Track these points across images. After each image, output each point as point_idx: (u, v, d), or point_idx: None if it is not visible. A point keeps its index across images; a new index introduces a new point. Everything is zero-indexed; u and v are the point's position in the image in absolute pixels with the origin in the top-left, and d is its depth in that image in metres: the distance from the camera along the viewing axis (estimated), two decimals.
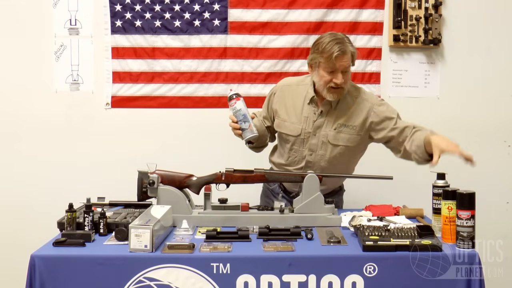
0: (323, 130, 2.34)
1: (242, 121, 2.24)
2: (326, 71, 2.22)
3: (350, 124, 2.32)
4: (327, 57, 2.18)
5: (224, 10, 3.04)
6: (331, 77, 2.21)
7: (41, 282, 1.77)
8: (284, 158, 2.45)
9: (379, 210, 2.33)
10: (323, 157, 2.36)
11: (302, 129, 2.36)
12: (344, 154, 2.36)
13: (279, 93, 2.44)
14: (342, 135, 2.33)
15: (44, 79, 3.06)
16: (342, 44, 2.19)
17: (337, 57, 2.17)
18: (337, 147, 2.34)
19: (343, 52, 2.17)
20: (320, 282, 1.78)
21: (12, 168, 3.07)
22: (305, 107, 2.36)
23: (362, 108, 2.33)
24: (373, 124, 2.33)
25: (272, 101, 2.45)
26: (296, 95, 2.39)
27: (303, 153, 2.38)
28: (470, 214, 1.84)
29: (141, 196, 2.19)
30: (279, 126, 2.42)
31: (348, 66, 2.23)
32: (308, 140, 2.36)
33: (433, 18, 3.00)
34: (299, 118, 2.37)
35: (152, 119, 3.09)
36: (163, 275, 1.78)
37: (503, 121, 3.09)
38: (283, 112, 2.41)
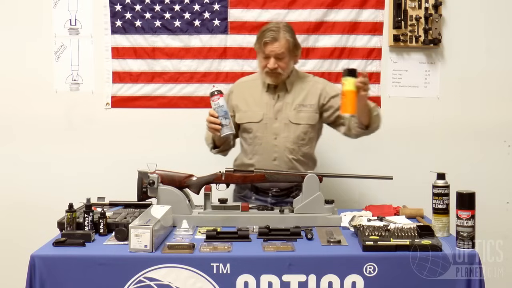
0: (283, 112, 2.43)
1: (223, 117, 2.26)
2: (262, 57, 2.39)
3: (308, 103, 2.45)
4: (260, 43, 2.37)
5: (224, 10, 3.04)
6: (266, 62, 2.37)
7: (41, 282, 1.77)
8: (248, 152, 2.47)
9: (379, 210, 2.33)
10: (288, 139, 2.42)
11: (263, 114, 2.44)
12: (306, 133, 2.45)
13: (237, 90, 2.56)
14: (302, 114, 2.43)
15: (44, 79, 3.06)
16: (275, 32, 2.34)
17: (266, 43, 2.33)
18: (299, 126, 2.43)
19: (273, 38, 2.33)
20: (320, 282, 1.78)
21: (12, 168, 3.07)
22: (263, 96, 2.47)
23: (315, 88, 2.47)
24: (325, 103, 2.46)
25: (231, 99, 2.52)
26: (253, 88, 2.51)
27: (268, 138, 2.43)
28: (470, 214, 1.84)
29: (141, 196, 2.19)
30: (241, 118, 2.48)
31: (281, 53, 2.34)
32: (271, 124, 2.43)
33: (433, 18, 3.00)
34: (260, 105, 2.46)
35: (152, 119, 3.09)
36: (163, 275, 1.78)
37: (503, 121, 3.09)
38: (243, 105, 2.49)
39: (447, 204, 1.99)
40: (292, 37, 2.38)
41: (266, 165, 2.38)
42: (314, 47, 3.04)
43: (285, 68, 2.38)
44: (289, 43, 2.36)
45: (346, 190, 3.00)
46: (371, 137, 3.03)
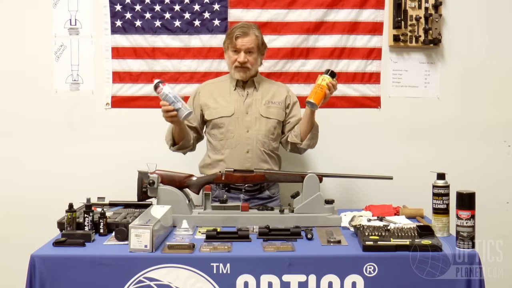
0: (254, 107, 2.54)
1: (174, 102, 2.28)
2: (232, 51, 2.50)
3: (276, 101, 2.58)
4: (231, 37, 2.48)
5: (224, 10, 3.04)
6: (236, 56, 2.48)
7: (41, 282, 1.77)
8: (219, 147, 2.51)
9: (379, 210, 2.33)
10: (260, 132, 2.51)
11: (235, 109, 2.53)
12: (275, 128, 2.55)
13: (204, 90, 2.64)
14: (271, 110, 2.55)
15: (44, 79, 3.05)
16: (245, 28, 2.49)
17: (237, 37, 2.46)
18: (270, 120, 2.53)
19: (244, 33, 2.47)
20: (320, 282, 1.78)
21: (12, 168, 3.07)
22: (232, 94, 2.57)
23: (281, 91, 2.63)
24: (289, 105, 2.60)
25: (199, 99, 2.60)
26: (221, 88, 2.61)
27: (240, 131, 2.50)
28: (470, 214, 1.84)
29: (141, 196, 2.19)
30: (212, 114, 2.54)
31: (251, 48, 2.48)
32: (243, 118, 2.52)
33: (433, 18, 3.00)
34: (229, 102, 2.55)
35: (152, 119, 3.07)
36: (163, 275, 1.78)
37: (503, 121, 3.09)
38: (212, 102, 2.57)
39: (447, 204, 1.99)
40: (260, 34, 2.55)
41: (239, 157, 2.45)
42: (314, 47, 3.04)
43: (254, 63, 2.52)
44: (258, 39, 2.51)
45: (346, 190, 3.00)
46: (371, 137, 3.04)
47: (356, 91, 3.06)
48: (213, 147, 2.56)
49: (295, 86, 3.01)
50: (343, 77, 3.04)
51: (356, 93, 3.06)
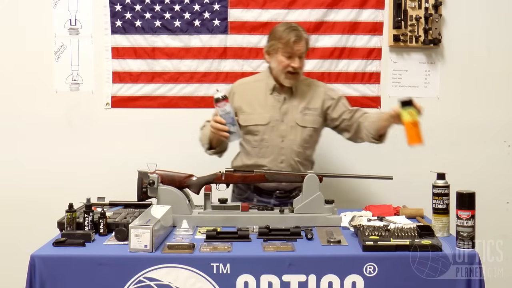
0: (290, 115, 2.43)
1: (231, 124, 2.23)
2: (285, 56, 2.36)
3: (312, 107, 2.46)
4: (285, 42, 2.34)
5: (224, 10, 3.04)
6: (289, 61, 2.36)
7: (41, 282, 1.77)
8: (253, 154, 2.44)
9: (379, 210, 2.33)
10: (294, 142, 2.42)
11: (270, 117, 2.42)
12: (312, 136, 2.46)
13: (238, 91, 2.51)
14: (308, 117, 2.45)
15: (44, 79, 3.06)
16: (297, 31, 2.37)
17: (294, 42, 2.34)
18: (306, 129, 2.44)
19: (299, 37, 2.35)
20: (320, 282, 1.78)
21: (12, 168, 3.07)
22: (268, 98, 2.45)
23: (318, 92, 2.49)
24: (330, 106, 2.48)
25: (233, 100, 2.46)
26: (256, 90, 2.48)
27: (275, 141, 2.42)
28: (470, 214, 1.84)
29: (141, 196, 2.19)
30: (246, 120, 2.44)
31: (304, 51, 2.39)
32: (278, 127, 2.42)
33: (433, 18, 3.00)
34: (265, 108, 2.43)
35: (152, 119, 3.09)
36: (163, 275, 1.78)
37: (503, 121, 3.09)
38: (247, 107, 2.45)
39: (447, 204, 1.99)
40: (308, 36, 2.43)
41: (273, 167, 2.38)
42: (314, 47, 3.04)
43: (303, 67, 2.43)
44: (308, 43, 2.42)
45: (346, 190, 3.00)
46: None
47: (356, 91, 3.06)
48: (246, 152, 2.48)
49: None
50: (343, 77, 3.05)
51: (356, 93, 3.06)
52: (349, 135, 2.49)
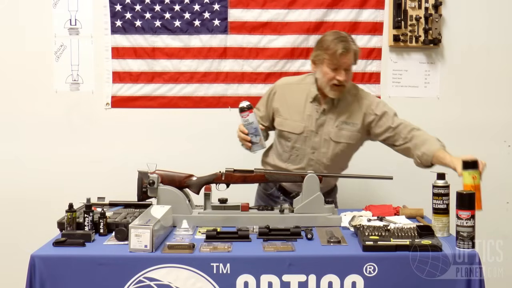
0: (326, 128, 2.36)
1: (253, 134, 2.23)
2: (330, 68, 2.26)
3: (351, 121, 2.36)
4: (331, 54, 2.23)
5: (224, 10, 3.04)
6: (334, 74, 2.26)
7: (41, 282, 1.77)
8: (284, 157, 2.44)
9: (379, 210, 2.33)
10: (326, 155, 2.37)
11: (304, 127, 2.36)
12: (344, 151, 2.39)
13: (280, 91, 2.44)
14: (344, 132, 2.36)
15: (44, 79, 3.06)
16: (346, 42, 2.25)
17: (341, 54, 2.22)
18: (339, 144, 2.37)
19: (347, 49, 2.23)
20: (320, 282, 1.78)
21: (12, 168, 3.07)
22: (307, 106, 2.37)
23: (361, 105, 2.37)
24: (372, 121, 2.36)
25: (272, 100, 2.44)
26: (297, 93, 2.40)
27: (305, 151, 2.38)
28: (470, 214, 1.83)
29: (141, 196, 2.19)
30: (281, 124, 2.41)
31: (351, 64, 2.28)
32: (311, 138, 2.37)
33: (433, 18, 3.00)
34: (302, 116, 2.37)
35: (152, 119, 3.09)
36: (163, 275, 1.78)
37: (503, 121, 3.09)
38: (284, 110, 2.40)
39: (447, 204, 1.99)
40: (357, 47, 2.31)
41: None
42: None
43: (349, 80, 2.32)
44: (356, 53, 2.30)
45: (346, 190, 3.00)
46: None
47: None
48: (278, 153, 2.46)
49: None
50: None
51: None
52: (396, 149, 2.38)
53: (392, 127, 2.34)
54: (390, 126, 2.34)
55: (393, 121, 2.35)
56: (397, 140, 2.34)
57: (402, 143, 2.32)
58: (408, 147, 2.31)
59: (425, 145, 2.25)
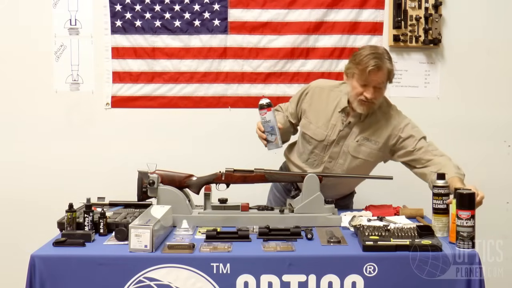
0: (347, 140, 2.34)
1: (269, 133, 2.22)
2: (359, 83, 2.21)
3: (374, 139, 2.32)
4: (361, 69, 2.17)
5: (224, 10, 3.04)
6: (362, 90, 2.20)
7: (41, 282, 1.77)
8: (303, 158, 2.44)
9: (379, 210, 2.33)
10: (342, 166, 2.36)
11: (326, 135, 2.35)
12: (361, 166, 2.36)
13: (311, 93, 2.41)
14: (363, 148, 2.33)
15: (44, 79, 3.06)
16: (379, 60, 2.16)
17: (371, 71, 2.16)
18: (357, 159, 2.34)
19: (378, 67, 2.16)
20: (320, 282, 1.78)
21: (12, 168, 3.07)
22: (334, 115, 2.35)
23: (389, 125, 2.32)
24: (396, 143, 2.32)
25: (303, 100, 2.42)
26: (328, 100, 2.37)
27: (323, 159, 2.37)
28: (470, 214, 1.83)
29: (141, 196, 2.19)
30: (304, 127, 2.41)
31: (381, 82, 2.21)
32: (331, 147, 2.35)
33: (433, 18, 3.00)
34: (326, 124, 2.35)
35: (152, 119, 3.09)
36: (163, 275, 1.78)
37: (503, 121, 3.09)
38: (311, 114, 2.39)
39: (447, 204, 1.99)
40: (392, 65, 2.23)
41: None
42: (314, 47, 3.04)
43: (379, 98, 2.26)
44: (390, 73, 2.22)
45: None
46: None
47: None
48: (299, 152, 2.45)
49: (295, 86, 3.02)
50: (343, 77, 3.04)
51: None
52: (414, 172, 2.32)
53: (412, 151, 2.28)
54: (411, 150, 2.29)
55: (416, 145, 2.28)
56: (416, 164, 2.28)
57: (420, 167, 2.27)
58: (424, 173, 2.24)
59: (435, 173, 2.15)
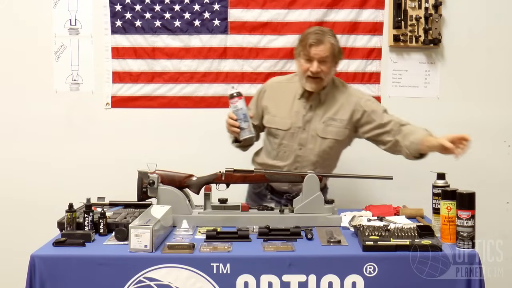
0: (313, 124, 2.38)
1: (242, 120, 2.25)
2: (304, 59, 2.30)
3: (338, 117, 2.38)
4: (303, 45, 2.28)
5: (224, 10, 3.04)
6: (308, 65, 2.29)
7: (41, 282, 1.77)
8: (272, 155, 2.45)
9: (379, 210, 2.33)
10: (313, 151, 2.39)
11: (291, 123, 2.39)
12: (332, 147, 2.40)
13: (269, 90, 2.48)
14: (331, 128, 2.37)
15: (44, 79, 3.06)
16: (320, 35, 2.28)
17: (311, 45, 2.26)
18: (326, 140, 2.38)
19: (318, 40, 2.26)
20: (320, 282, 1.78)
21: (12, 168, 3.07)
22: (295, 103, 2.40)
23: (350, 102, 2.39)
24: (361, 118, 2.38)
25: (262, 98, 2.47)
26: (286, 91, 2.44)
27: (293, 148, 2.40)
28: (470, 214, 1.84)
29: (141, 196, 2.19)
30: (269, 122, 2.44)
31: (325, 56, 2.28)
32: (298, 134, 2.39)
33: (433, 18, 3.00)
34: (289, 113, 2.40)
35: (152, 119, 3.09)
36: (163, 275, 1.78)
37: (503, 121, 3.09)
38: (273, 108, 2.44)
39: None
40: (337, 42, 2.33)
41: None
42: None
43: (327, 73, 2.31)
44: (334, 47, 2.31)
45: (346, 190, 3.00)
46: None
47: None
48: (267, 151, 2.49)
49: None
50: (343, 77, 3.04)
51: None
52: (385, 148, 2.40)
53: (382, 124, 2.35)
54: (379, 123, 2.35)
55: (382, 118, 2.36)
56: (386, 136, 2.35)
57: (391, 139, 2.34)
58: (396, 140, 2.32)
59: (413, 135, 2.27)
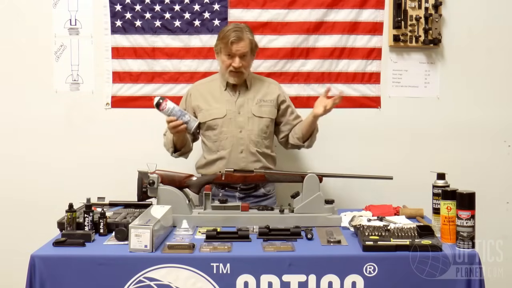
0: (246, 107, 2.53)
1: (181, 116, 2.30)
2: (226, 56, 2.47)
3: (268, 98, 2.58)
4: (225, 42, 2.44)
5: (224, 10, 3.04)
6: (230, 61, 2.46)
7: (41, 282, 1.77)
8: (214, 148, 2.51)
9: (379, 210, 2.33)
10: (252, 132, 2.51)
11: (227, 110, 2.52)
12: (268, 126, 2.56)
13: (195, 92, 2.62)
14: (264, 108, 2.55)
15: (44, 79, 3.05)
16: (239, 32, 2.45)
17: (233, 42, 2.42)
18: (262, 119, 2.53)
19: (239, 38, 2.43)
20: (320, 282, 1.78)
21: (12, 168, 3.07)
22: (223, 94, 2.56)
23: (272, 88, 2.63)
24: (281, 103, 2.61)
25: (190, 101, 2.60)
26: (212, 88, 2.59)
27: (233, 132, 2.49)
28: (470, 214, 1.84)
29: (141, 196, 2.19)
30: (205, 116, 2.53)
31: (245, 52, 2.46)
32: (235, 118, 2.51)
33: (433, 18, 3.00)
34: (221, 103, 2.54)
35: (152, 119, 3.08)
36: (163, 275, 1.78)
37: (503, 121, 3.09)
38: (204, 104, 2.55)
39: None
40: (253, 36, 2.53)
41: (234, 158, 2.46)
42: (314, 47, 3.04)
43: (247, 67, 2.51)
44: (252, 42, 2.50)
45: (346, 190, 3.00)
46: (371, 137, 3.05)
47: (356, 91, 3.06)
48: (208, 149, 2.55)
49: (295, 86, 3.02)
50: (343, 77, 3.05)
51: (356, 93, 3.06)
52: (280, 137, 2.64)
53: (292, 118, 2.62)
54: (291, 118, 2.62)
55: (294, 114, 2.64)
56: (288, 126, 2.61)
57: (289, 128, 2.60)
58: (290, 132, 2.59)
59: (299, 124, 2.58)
